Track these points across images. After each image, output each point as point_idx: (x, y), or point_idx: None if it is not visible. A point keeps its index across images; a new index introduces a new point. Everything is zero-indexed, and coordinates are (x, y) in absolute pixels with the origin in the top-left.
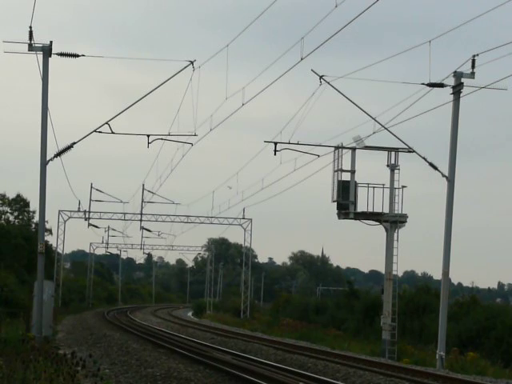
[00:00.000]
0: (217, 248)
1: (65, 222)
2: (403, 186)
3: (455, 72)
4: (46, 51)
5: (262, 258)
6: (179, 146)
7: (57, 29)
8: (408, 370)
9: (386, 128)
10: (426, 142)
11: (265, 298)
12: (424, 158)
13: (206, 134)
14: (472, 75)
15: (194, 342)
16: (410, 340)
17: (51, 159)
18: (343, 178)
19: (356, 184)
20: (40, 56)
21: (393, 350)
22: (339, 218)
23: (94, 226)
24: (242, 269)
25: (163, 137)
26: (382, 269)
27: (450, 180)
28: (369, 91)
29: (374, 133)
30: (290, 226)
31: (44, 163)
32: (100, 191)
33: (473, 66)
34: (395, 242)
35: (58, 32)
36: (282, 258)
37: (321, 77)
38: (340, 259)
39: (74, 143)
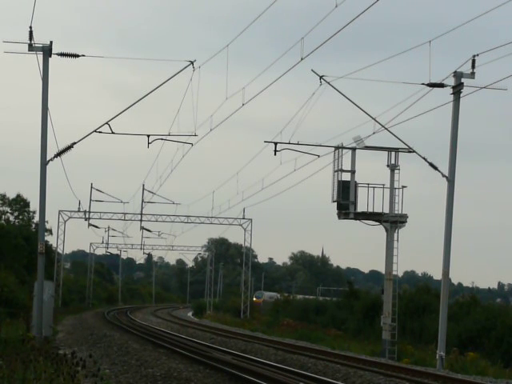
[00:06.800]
0: (217, 248)
1: (65, 222)
2: (403, 186)
3: (455, 72)
4: (46, 51)
5: (262, 258)
6: (179, 146)
7: (57, 29)
8: (408, 370)
9: (386, 128)
10: (426, 142)
11: None
12: (424, 158)
13: (206, 134)
14: (472, 75)
15: (194, 342)
16: (410, 340)
17: (51, 159)
18: (343, 178)
19: (356, 184)
20: (40, 56)
21: (393, 350)
22: (339, 218)
23: (94, 226)
24: (242, 269)
25: (163, 137)
26: (382, 269)
27: (450, 180)
28: (369, 91)
29: (374, 133)
30: (290, 226)
31: (44, 163)
32: (100, 191)
33: (473, 66)
34: (395, 242)
35: (59, 32)
36: (282, 258)
37: (321, 77)
38: (340, 259)
39: (74, 143)
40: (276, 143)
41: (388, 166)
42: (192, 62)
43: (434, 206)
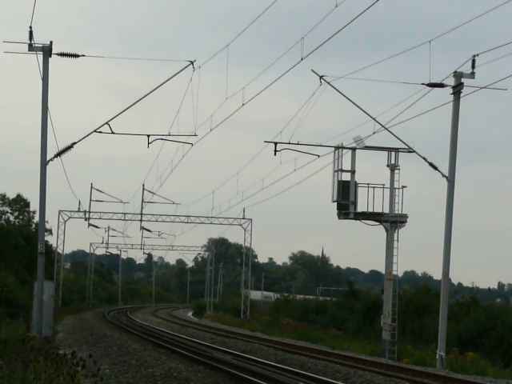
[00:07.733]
0: (217, 248)
1: (65, 222)
2: (403, 186)
3: (455, 72)
4: (46, 51)
5: (262, 258)
6: (179, 146)
7: (57, 29)
8: (408, 370)
9: (386, 128)
10: (426, 142)
11: None
12: (424, 158)
13: (206, 134)
14: (472, 75)
15: (194, 342)
16: (410, 340)
17: (51, 159)
18: (343, 178)
19: (356, 184)
20: (40, 56)
21: (393, 350)
22: (339, 218)
23: (94, 226)
24: (242, 269)
25: (163, 137)
26: (382, 269)
27: (450, 180)
28: (369, 91)
29: (374, 133)
30: (290, 226)
31: (44, 163)
32: (100, 191)
33: (473, 66)
34: (395, 242)
35: (59, 32)
36: (282, 258)
37: (321, 77)
38: (340, 259)
39: (74, 143)
40: (276, 143)
41: (388, 165)
42: (192, 62)
43: (434, 205)
